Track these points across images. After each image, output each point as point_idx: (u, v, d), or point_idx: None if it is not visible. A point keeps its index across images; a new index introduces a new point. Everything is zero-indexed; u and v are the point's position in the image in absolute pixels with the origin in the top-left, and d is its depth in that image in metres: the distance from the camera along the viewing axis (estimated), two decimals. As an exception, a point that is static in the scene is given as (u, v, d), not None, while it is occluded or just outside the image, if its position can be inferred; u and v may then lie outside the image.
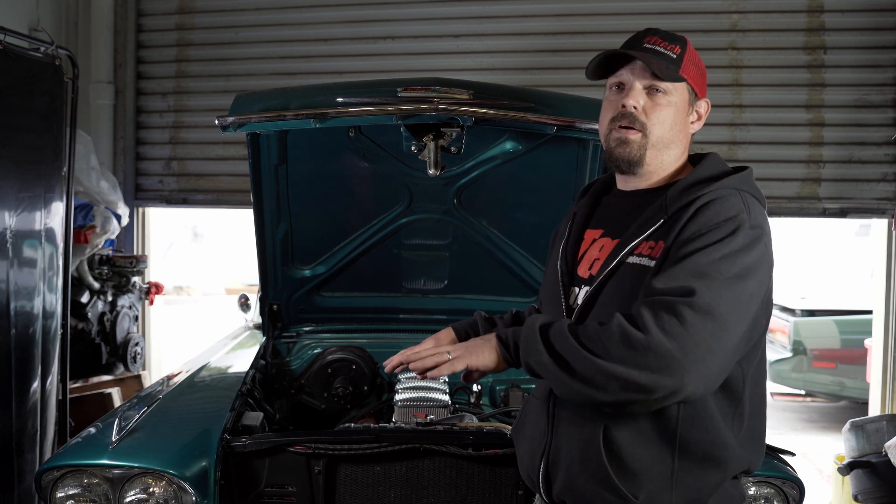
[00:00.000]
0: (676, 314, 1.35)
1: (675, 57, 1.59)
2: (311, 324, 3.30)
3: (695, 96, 1.63)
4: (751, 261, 1.42)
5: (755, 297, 1.44)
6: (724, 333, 1.37)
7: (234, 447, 2.18)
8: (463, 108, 2.24)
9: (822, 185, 4.80)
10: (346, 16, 5.11)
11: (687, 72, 1.60)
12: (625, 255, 1.54)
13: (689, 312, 1.35)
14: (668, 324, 1.34)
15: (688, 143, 1.66)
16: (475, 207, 2.94)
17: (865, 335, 5.53)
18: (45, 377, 3.25)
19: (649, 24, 5.18)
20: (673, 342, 1.34)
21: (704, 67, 1.67)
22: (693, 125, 1.65)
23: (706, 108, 1.66)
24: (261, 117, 2.38)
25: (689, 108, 1.62)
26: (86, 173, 4.17)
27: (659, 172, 1.63)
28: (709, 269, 1.39)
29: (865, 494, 3.49)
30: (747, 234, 1.44)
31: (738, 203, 1.48)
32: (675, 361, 1.34)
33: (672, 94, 1.58)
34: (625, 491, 1.47)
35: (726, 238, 1.42)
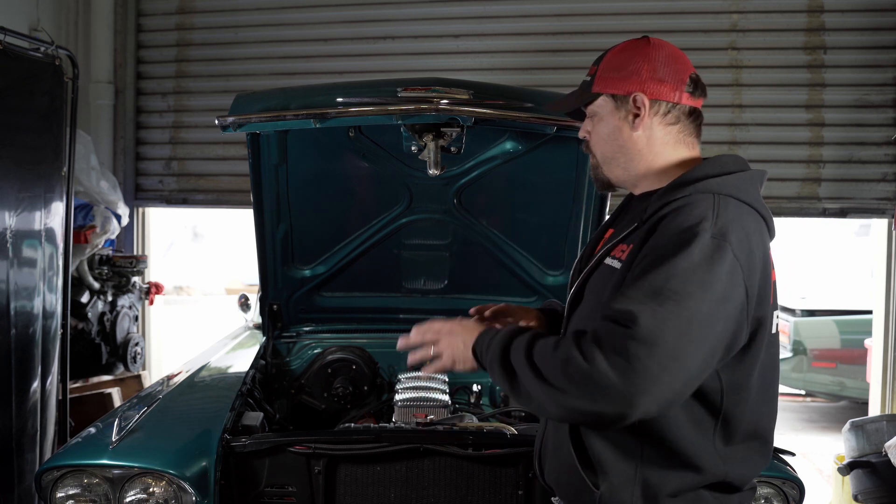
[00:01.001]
0: (621, 347, 1.29)
1: (590, 79, 1.60)
2: (311, 324, 3.30)
3: (621, 98, 1.56)
4: (710, 277, 1.34)
5: (718, 314, 1.34)
6: (673, 360, 1.30)
7: (234, 447, 2.18)
8: (463, 108, 2.24)
9: (822, 185, 4.80)
10: (346, 16, 5.12)
11: (600, 85, 1.58)
12: (602, 255, 1.56)
13: (633, 344, 1.29)
14: (612, 357, 1.29)
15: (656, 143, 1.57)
16: (475, 207, 2.94)
17: (865, 335, 5.53)
18: (45, 377, 3.25)
19: (649, 24, 5.17)
20: (616, 374, 1.28)
21: (641, 61, 1.56)
22: (638, 121, 1.55)
23: (643, 100, 1.54)
24: (261, 117, 2.38)
25: (616, 114, 1.57)
26: (86, 173, 4.17)
27: (637, 179, 1.60)
28: (657, 290, 1.32)
29: (865, 494, 3.49)
30: (706, 244, 1.35)
31: (706, 209, 1.40)
32: (617, 393, 1.29)
33: (598, 112, 1.61)
34: (588, 481, 1.50)
35: (681, 253, 1.34)
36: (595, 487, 1.49)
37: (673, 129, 1.58)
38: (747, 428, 1.50)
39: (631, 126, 1.56)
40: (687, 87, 1.57)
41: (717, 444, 1.47)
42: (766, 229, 1.50)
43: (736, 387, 1.46)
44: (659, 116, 1.56)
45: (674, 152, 1.59)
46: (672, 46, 1.59)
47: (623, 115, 1.57)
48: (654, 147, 1.57)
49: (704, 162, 1.56)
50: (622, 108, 1.56)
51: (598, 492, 1.49)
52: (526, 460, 2.19)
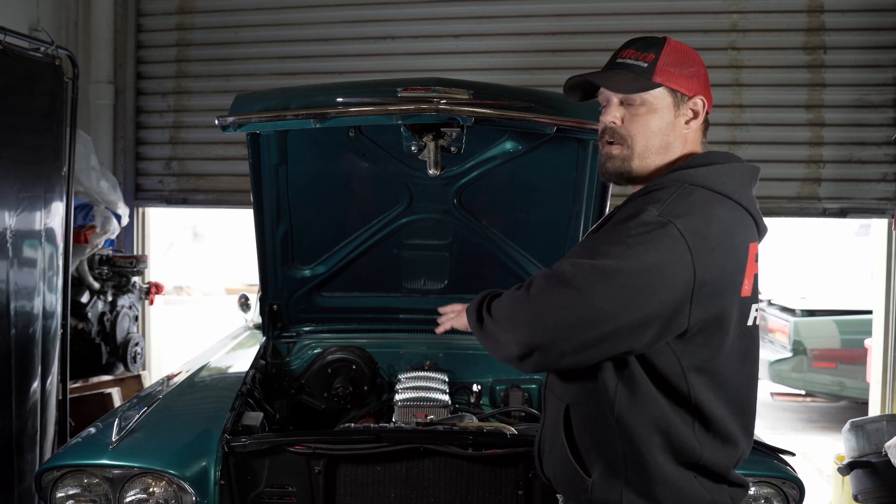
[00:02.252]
0: (532, 281, 1.46)
1: (647, 65, 1.58)
2: (311, 324, 3.30)
3: (682, 96, 1.59)
4: (642, 245, 1.40)
5: (644, 284, 1.38)
6: (582, 306, 1.38)
7: (234, 447, 2.18)
8: (463, 108, 2.24)
9: (822, 185, 4.80)
10: (346, 16, 5.11)
11: (663, 76, 1.57)
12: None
13: (542, 281, 1.44)
14: (522, 289, 1.46)
15: (689, 142, 1.62)
16: (475, 207, 2.94)
17: (865, 335, 5.53)
18: (45, 377, 3.25)
19: (649, 25, 5.17)
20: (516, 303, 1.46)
21: (697, 64, 1.61)
22: (689, 124, 1.60)
23: (703, 104, 1.60)
24: (261, 117, 2.38)
25: (675, 111, 1.58)
26: (86, 173, 4.17)
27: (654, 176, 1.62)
28: (589, 249, 1.45)
29: (865, 494, 3.49)
30: (647, 220, 1.42)
31: (665, 195, 1.47)
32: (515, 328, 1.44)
33: (650, 102, 1.58)
34: (579, 469, 1.56)
35: (620, 225, 1.46)
36: (587, 475, 1.55)
37: (699, 134, 1.64)
38: (722, 414, 1.52)
39: (684, 125, 1.60)
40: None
41: (695, 428, 1.51)
42: (748, 221, 1.53)
43: (698, 371, 1.48)
44: (699, 121, 1.62)
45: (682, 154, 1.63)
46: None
47: (679, 112, 1.59)
48: (685, 146, 1.62)
49: (691, 157, 1.60)
50: (681, 106, 1.59)
51: (590, 479, 1.55)
52: (526, 460, 2.19)
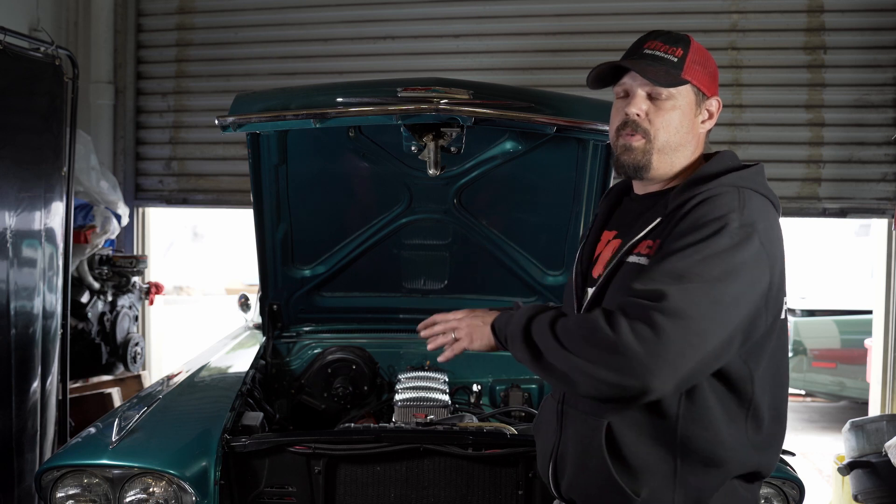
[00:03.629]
0: (647, 318, 1.34)
1: (676, 60, 1.56)
2: (311, 324, 3.30)
3: (703, 96, 1.60)
4: (737, 261, 1.39)
5: (743, 299, 1.39)
6: (697, 337, 1.34)
7: (234, 447, 2.18)
8: (463, 108, 2.24)
9: (822, 185, 4.79)
10: (346, 16, 5.11)
11: (690, 73, 1.56)
12: (624, 254, 1.55)
13: (660, 317, 1.33)
14: (638, 327, 1.34)
15: (700, 143, 1.64)
16: (475, 207, 2.94)
17: (865, 335, 5.53)
18: (45, 377, 3.25)
19: (649, 24, 5.17)
20: (641, 345, 1.33)
21: (715, 65, 1.63)
22: (704, 124, 1.62)
23: (717, 105, 1.62)
24: (261, 117, 2.38)
25: (696, 109, 1.59)
26: (86, 173, 4.17)
27: (669, 175, 1.61)
28: (686, 272, 1.37)
29: (865, 494, 3.48)
30: (735, 233, 1.40)
31: (732, 201, 1.45)
32: (640, 364, 1.33)
33: (676, 98, 1.57)
34: (626, 489, 1.47)
35: (709, 238, 1.39)
36: (635, 495, 1.47)
37: (706, 135, 1.65)
38: (772, 414, 1.53)
39: (700, 125, 1.61)
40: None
41: (749, 433, 1.50)
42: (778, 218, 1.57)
43: (762, 374, 1.50)
44: (713, 122, 1.64)
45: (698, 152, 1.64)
46: None
47: (699, 111, 1.60)
48: (698, 148, 1.63)
49: (715, 157, 1.60)
50: (701, 105, 1.60)
51: (638, 499, 1.47)
52: (526, 460, 2.19)
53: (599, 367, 1.36)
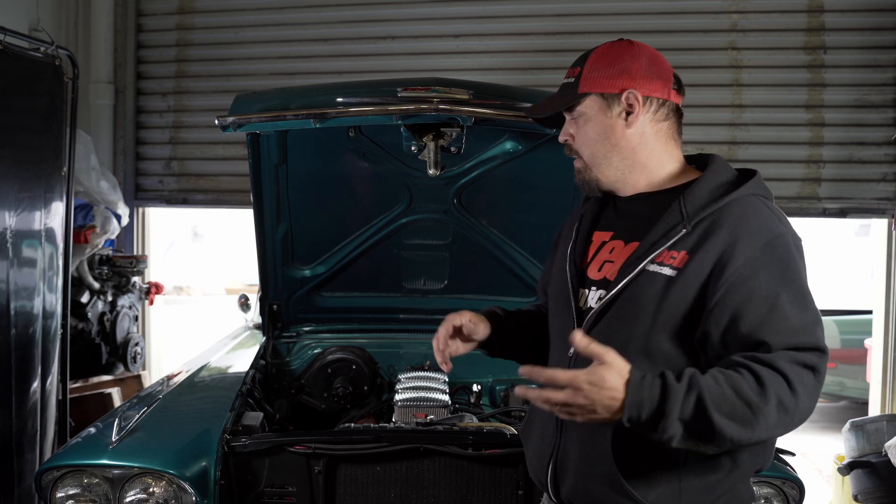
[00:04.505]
0: (815, 370, 1.39)
1: (574, 80, 1.61)
2: (311, 324, 3.30)
3: (611, 97, 1.56)
4: (806, 276, 1.47)
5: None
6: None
7: (234, 447, 2.18)
8: (463, 108, 2.24)
9: (822, 185, 4.79)
10: (346, 16, 5.11)
11: (587, 85, 1.58)
12: (647, 262, 1.49)
13: (822, 365, 1.40)
14: (809, 381, 1.37)
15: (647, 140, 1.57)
16: (475, 207, 2.94)
17: (865, 335, 5.53)
18: (45, 377, 3.25)
19: (649, 24, 5.16)
20: (810, 398, 1.38)
21: (629, 59, 1.56)
22: (629, 120, 1.56)
23: (635, 96, 1.55)
24: (261, 117, 2.37)
25: (607, 113, 1.57)
26: (86, 173, 4.17)
27: (631, 179, 1.60)
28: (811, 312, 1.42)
29: (865, 494, 3.48)
30: (795, 249, 1.46)
31: (767, 213, 1.48)
32: (810, 412, 1.40)
33: (585, 112, 1.59)
34: (635, 493, 1.45)
35: (791, 265, 1.44)
36: (643, 499, 1.46)
37: (664, 126, 1.59)
38: None
39: (624, 123, 1.56)
40: (673, 85, 1.59)
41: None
42: None
43: None
44: (651, 113, 1.57)
45: (665, 150, 1.60)
46: (651, 48, 1.61)
47: (615, 113, 1.56)
48: (647, 144, 1.58)
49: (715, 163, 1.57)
50: (613, 107, 1.56)
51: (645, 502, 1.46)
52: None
53: (779, 428, 1.38)
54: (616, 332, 1.50)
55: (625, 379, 1.32)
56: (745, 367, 1.34)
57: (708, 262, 1.43)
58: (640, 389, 1.32)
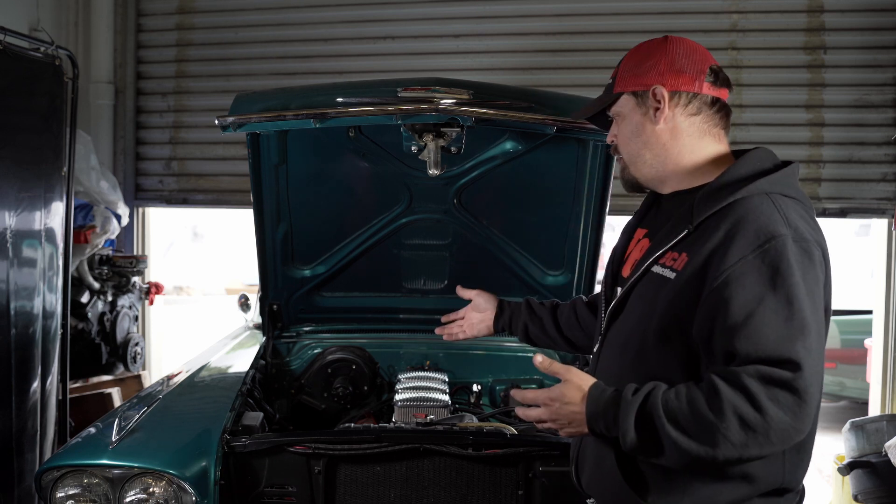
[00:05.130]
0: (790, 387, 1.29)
1: (611, 82, 1.63)
2: (311, 324, 3.30)
3: (641, 94, 1.57)
4: (812, 281, 1.37)
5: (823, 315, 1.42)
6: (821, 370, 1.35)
7: (234, 447, 2.18)
8: (463, 108, 2.24)
9: (822, 185, 4.79)
10: (346, 16, 5.11)
11: (621, 84, 1.60)
12: (651, 262, 1.51)
13: (801, 382, 1.30)
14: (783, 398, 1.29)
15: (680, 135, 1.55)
16: (475, 207, 2.94)
17: (865, 335, 5.52)
18: (45, 377, 3.25)
19: (649, 24, 5.16)
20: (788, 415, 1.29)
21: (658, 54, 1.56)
22: (658, 116, 1.55)
23: (662, 92, 1.54)
24: (261, 117, 2.37)
25: (641, 110, 1.57)
26: (86, 173, 4.17)
27: (667, 176, 1.58)
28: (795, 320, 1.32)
29: (865, 494, 3.48)
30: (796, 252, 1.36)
31: (772, 213, 1.39)
32: (793, 431, 1.31)
33: (621, 112, 1.61)
34: (634, 494, 1.48)
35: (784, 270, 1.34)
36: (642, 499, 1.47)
37: (696, 120, 1.56)
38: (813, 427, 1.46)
39: (653, 120, 1.55)
40: (707, 77, 1.55)
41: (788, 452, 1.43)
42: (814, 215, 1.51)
43: None
44: (680, 108, 1.55)
45: (700, 145, 1.57)
46: (691, 41, 1.59)
47: (645, 110, 1.56)
48: (679, 140, 1.55)
49: (742, 159, 1.54)
50: (643, 104, 1.57)
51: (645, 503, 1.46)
52: (526, 460, 2.19)
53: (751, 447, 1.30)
54: (623, 330, 1.54)
55: (583, 394, 1.41)
56: (709, 383, 1.32)
57: (700, 263, 1.40)
58: (596, 402, 1.40)
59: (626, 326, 1.54)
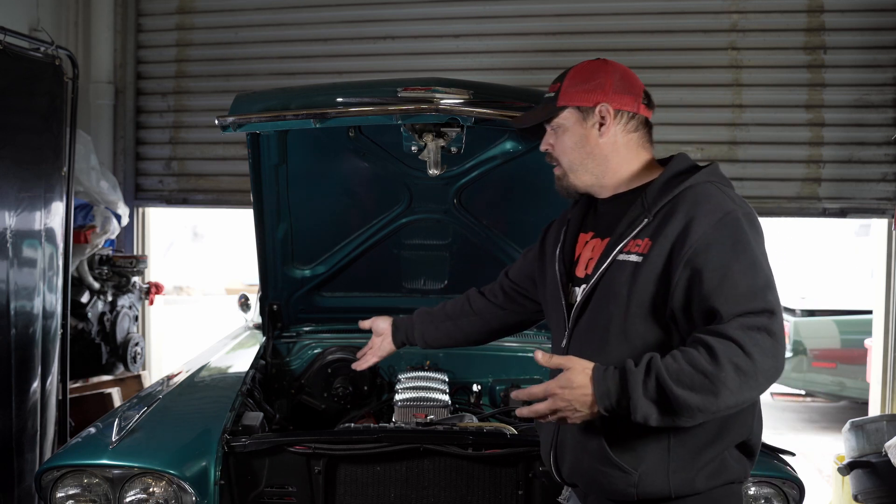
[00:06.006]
0: (768, 331, 1.47)
1: (553, 95, 1.77)
2: (311, 324, 3.30)
3: (586, 110, 1.72)
4: (762, 245, 1.58)
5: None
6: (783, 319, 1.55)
7: (234, 447, 2.18)
8: (463, 108, 2.24)
9: (822, 185, 4.80)
10: (346, 16, 5.11)
11: (565, 98, 1.74)
12: (616, 253, 1.65)
13: (776, 326, 1.49)
14: (764, 342, 1.46)
15: (619, 148, 1.72)
16: (475, 207, 2.94)
17: (865, 335, 5.53)
18: (45, 377, 3.25)
19: (649, 24, 5.15)
20: (770, 358, 1.47)
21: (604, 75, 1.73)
22: (602, 131, 1.71)
23: (608, 109, 1.71)
24: (261, 117, 2.37)
25: (584, 124, 1.72)
26: (86, 173, 4.17)
27: (606, 182, 1.75)
28: (759, 279, 1.51)
29: (865, 494, 3.48)
30: (746, 223, 1.56)
31: (719, 194, 1.61)
32: (774, 371, 1.48)
33: (563, 124, 1.75)
34: (625, 464, 1.59)
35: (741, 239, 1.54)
36: (633, 469, 1.58)
37: (634, 136, 1.74)
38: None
39: (598, 133, 1.72)
40: (643, 99, 1.75)
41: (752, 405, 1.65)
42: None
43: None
44: (622, 125, 1.73)
45: (635, 156, 1.75)
46: (624, 66, 1.78)
47: (590, 124, 1.72)
48: (619, 153, 1.73)
49: (675, 160, 1.72)
50: (588, 119, 1.73)
51: (636, 473, 1.58)
52: (526, 460, 2.19)
53: (745, 391, 1.46)
54: (597, 319, 1.65)
55: (589, 375, 1.51)
56: (699, 342, 1.47)
57: (667, 244, 1.57)
58: (603, 381, 1.50)
59: (598, 317, 1.65)
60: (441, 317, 2.20)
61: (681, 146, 4.64)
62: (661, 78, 4.71)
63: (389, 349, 2.26)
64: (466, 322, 2.17)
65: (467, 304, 2.18)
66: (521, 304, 2.10)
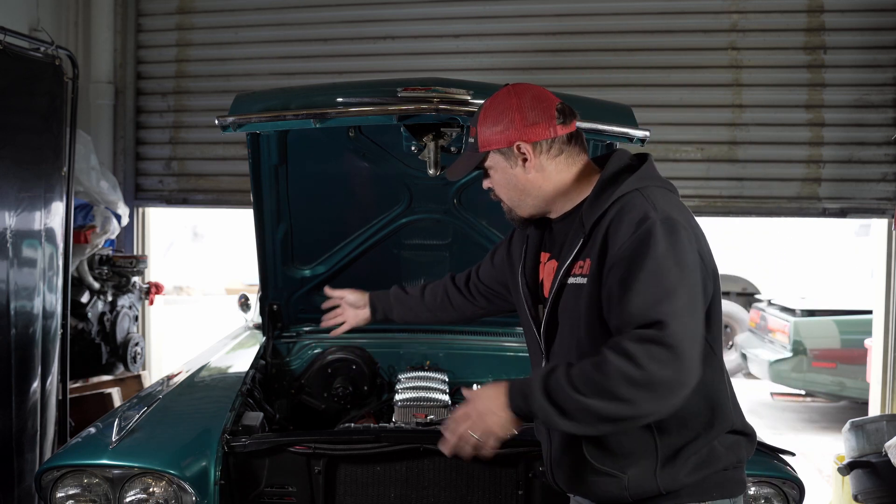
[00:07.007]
0: (661, 343, 1.46)
1: (473, 141, 1.76)
2: (311, 324, 3.30)
3: (507, 150, 1.70)
4: (680, 251, 1.54)
5: (698, 280, 1.56)
6: (695, 328, 1.52)
7: (234, 447, 2.18)
8: (463, 108, 2.24)
9: (822, 185, 4.80)
10: (346, 16, 5.12)
11: (485, 144, 1.72)
12: (563, 276, 1.68)
13: (671, 338, 1.46)
14: (659, 354, 1.45)
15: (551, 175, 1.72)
16: (475, 207, 2.94)
17: (865, 335, 5.52)
18: (45, 377, 3.25)
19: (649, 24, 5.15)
20: (666, 369, 1.45)
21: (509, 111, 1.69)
22: (529, 164, 1.70)
23: (525, 147, 1.69)
24: (261, 117, 2.38)
25: (510, 163, 1.72)
26: (86, 173, 4.17)
27: (550, 208, 1.76)
28: (661, 289, 1.50)
29: (865, 494, 3.48)
30: (663, 231, 1.55)
31: (642, 203, 1.60)
32: (676, 383, 1.47)
33: (492, 167, 1.75)
34: (614, 470, 1.63)
35: (650, 250, 1.53)
36: (622, 472, 1.62)
37: (560, 158, 1.72)
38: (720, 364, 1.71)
39: (524, 170, 1.71)
40: (557, 120, 1.70)
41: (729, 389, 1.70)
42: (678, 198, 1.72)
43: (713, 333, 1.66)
44: (544, 154, 1.71)
45: (569, 173, 1.73)
46: (533, 87, 1.74)
47: (513, 163, 1.72)
48: (551, 178, 1.73)
49: (606, 166, 1.71)
50: (510, 158, 1.72)
51: (625, 476, 1.62)
52: (526, 460, 2.19)
53: (642, 402, 1.46)
54: (564, 339, 1.70)
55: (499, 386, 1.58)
56: (601, 353, 1.50)
57: (598, 263, 1.61)
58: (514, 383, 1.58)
59: (563, 339, 1.70)
60: (420, 307, 2.26)
61: (681, 146, 4.66)
62: (661, 78, 4.71)
63: (364, 320, 2.34)
64: (446, 315, 2.26)
65: (447, 300, 2.23)
66: (498, 304, 2.16)
